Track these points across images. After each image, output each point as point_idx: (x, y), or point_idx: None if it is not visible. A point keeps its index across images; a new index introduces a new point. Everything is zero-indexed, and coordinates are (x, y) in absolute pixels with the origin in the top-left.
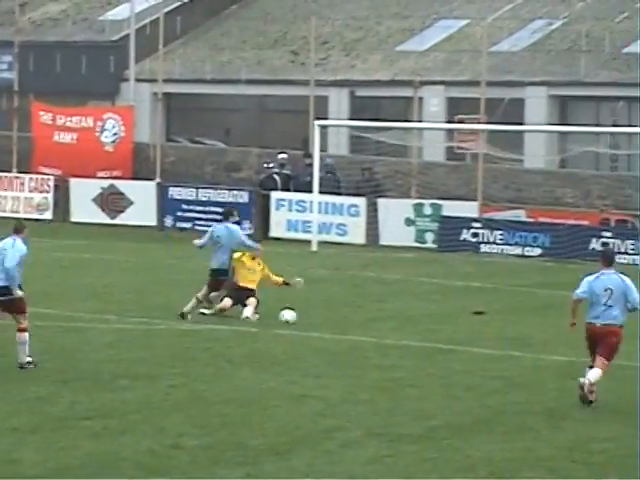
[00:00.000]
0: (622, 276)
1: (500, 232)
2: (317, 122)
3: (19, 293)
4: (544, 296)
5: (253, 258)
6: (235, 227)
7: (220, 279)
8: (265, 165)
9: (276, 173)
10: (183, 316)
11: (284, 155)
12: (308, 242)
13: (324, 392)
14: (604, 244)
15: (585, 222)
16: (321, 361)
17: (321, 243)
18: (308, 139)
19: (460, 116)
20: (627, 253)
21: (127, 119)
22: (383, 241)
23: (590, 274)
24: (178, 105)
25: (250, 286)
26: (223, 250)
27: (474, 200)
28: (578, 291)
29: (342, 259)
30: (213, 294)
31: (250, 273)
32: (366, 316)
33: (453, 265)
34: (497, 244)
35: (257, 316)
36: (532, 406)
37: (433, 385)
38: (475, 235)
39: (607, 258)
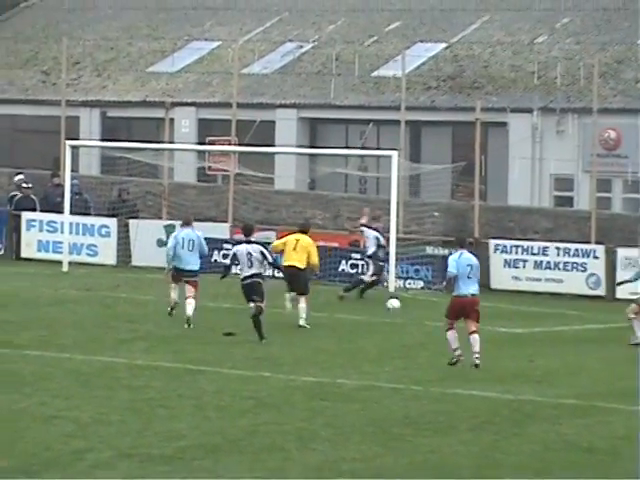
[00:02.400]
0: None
1: None
2: (68, 142)
3: None
4: (295, 317)
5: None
6: None
7: None
8: (25, 185)
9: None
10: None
11: (22, 176)
12: (59, 263)
13: (74, 413)
14: (353, 266)
15: (335, 244)
16: (71, 382)
17: (72, 264)
18: (59, 159)
19: (211, 137)
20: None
21: None
22: (135, 262)
23: (451, 254)
24: None
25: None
26: None
27: (225, 222)
28: (451, 269)
29: (93, 280)
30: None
31: None
32: (117, 337)
33: (204, 286)
34: None
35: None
36: (282, 426)
37: (184, 405)
38: (225, 256)
39: (459, 242)
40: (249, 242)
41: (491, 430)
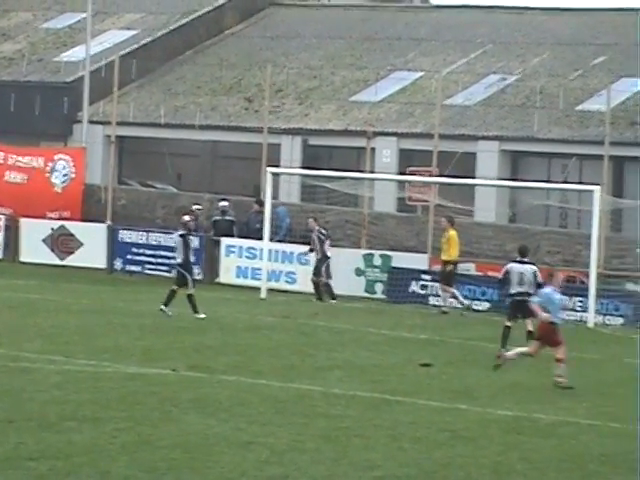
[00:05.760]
0: None
1: None
2: (269, 169)
3: None
4: (491, 350)
5: None
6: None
7: None
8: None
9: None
10: None
11: (225, 203)
12: (257, 289)
13: (270, 440)
14: None
15: None
16: (268, 408)
17: (270, 290)
18: (260, 186)
19: (412, 168)
20: (575, 310)
21: (78, 160)
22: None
23: None
24: (131, 148)
25: None
26: None
27: (424, 252)
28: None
29: (291, 307)
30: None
31: None
32: (314, 365)
33: (401, 316)
34: None
35: None
36: (478, 459)
37: (379, 436)
38: (424, 287)
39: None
40: (522, 262)
41: None
